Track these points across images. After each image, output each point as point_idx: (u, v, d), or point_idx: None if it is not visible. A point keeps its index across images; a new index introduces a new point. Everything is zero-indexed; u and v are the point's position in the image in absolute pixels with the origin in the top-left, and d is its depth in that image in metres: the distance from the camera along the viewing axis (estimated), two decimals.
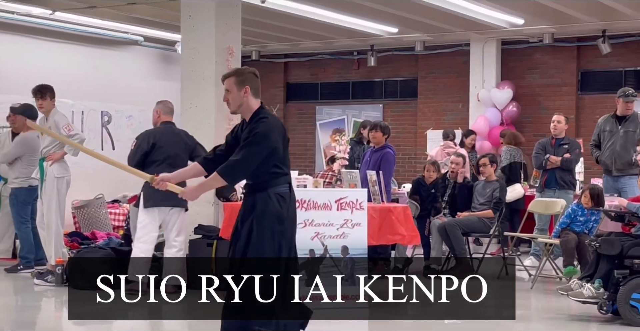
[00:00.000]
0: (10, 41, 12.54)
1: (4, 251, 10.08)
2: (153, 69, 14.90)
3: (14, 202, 9.69)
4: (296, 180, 9.12)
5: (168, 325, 7.32)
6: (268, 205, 5.33)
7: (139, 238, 8.05)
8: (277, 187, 5.37)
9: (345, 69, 16.18)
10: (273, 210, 5.33)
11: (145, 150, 8.04)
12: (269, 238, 5.32)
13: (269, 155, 5.31)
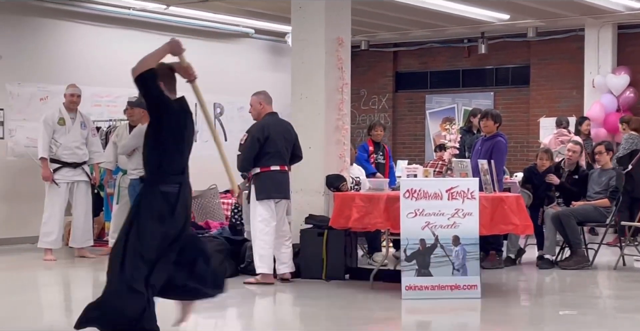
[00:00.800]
0: (126, 36, 12.87)
1: None
2: (263, 60, 15.07)
3: (132, 193, 9.97)
4: (406, 170, 9.10)
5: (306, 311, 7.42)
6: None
7: (261, 230, 8.10)
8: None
9: (456, 57, 15.99)
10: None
11: (262, 143, 8.14)
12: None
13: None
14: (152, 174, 5.49)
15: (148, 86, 5.38)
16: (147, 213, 5.38)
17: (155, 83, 5.42)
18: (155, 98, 5.44)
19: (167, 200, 5.43)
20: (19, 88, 11.51)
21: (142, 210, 5.39)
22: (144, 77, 5.38)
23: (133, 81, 5.43)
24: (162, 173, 5.48)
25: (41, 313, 7.12)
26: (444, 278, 7.39)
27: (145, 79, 5.38)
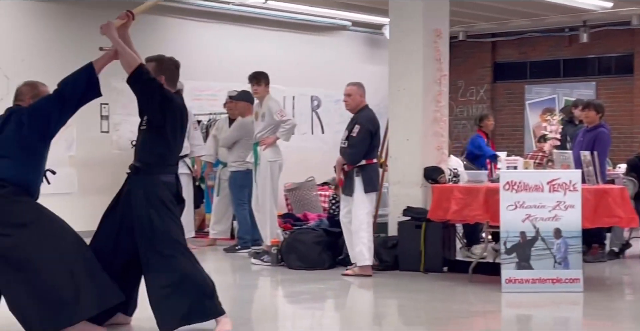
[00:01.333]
0: (226, 30, 13.06)
1: (223, 232, 10.58)
2: (360, 53, 15.07)
3: (232, 185, 10.14)
4: (506, 161, 8.99)
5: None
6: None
7: (368, 223, 8.15)
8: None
9: (556, 46, 15.68)
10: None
11: (372, 136, 8.24)
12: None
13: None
14: (155, 165, 5.56)
15: (146, 81, 5.49)
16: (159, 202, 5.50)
17: (153, 77, 5.52)
18: (158, 92, 5.52)
19: (169, 190, 5.55)
20: (123, 84, 11.65)
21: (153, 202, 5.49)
22: (139, 73, 5.49)
23: (127, 82, 5.57)
24: (163, 164, 5.59)
25: (144, 303, 7.29)
26: (545, 271, 7.29)
27: (140, 75, 5.49)
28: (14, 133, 5.43)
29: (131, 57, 5.57)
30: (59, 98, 5.45)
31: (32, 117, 5.44)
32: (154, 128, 5.57)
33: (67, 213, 11.53)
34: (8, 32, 10.81)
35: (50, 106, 5.45)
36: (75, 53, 11.33)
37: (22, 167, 5.41)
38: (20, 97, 5.69)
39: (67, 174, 11.25)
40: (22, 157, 5.41)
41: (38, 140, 5.46)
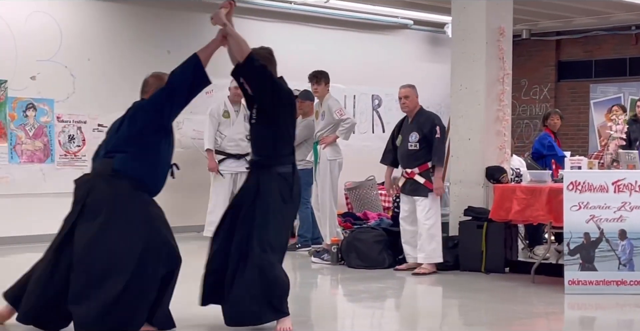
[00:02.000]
0: (287, 29, 13.11)
1: None
2: (422, 51, 15.00)
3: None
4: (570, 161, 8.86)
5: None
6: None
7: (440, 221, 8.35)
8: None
9: (622, 44, 15.41)
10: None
11: None
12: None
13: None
14: (270, 157, 5.54)
15: (258, 68, 5.47)
16: (274, 196, 5.48)
17: (264, 63, 5.53)
18: (270, 80, 5.51)
19: (285, 181, 5.50)
20: None
21: (267, 194, 5.47)
22: (251, 59, 5.46)
23: (237, 69, 5.52)
24: (279, 154, 5.55)
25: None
26: (609, 273, 7.18)
27: (252, 61, 5.47)
28: (128, 128, 5.41)
29: (245, 43, 5.55)
30: (169, 91, 5.40)
31: (145, 110, 5.43)
32: (265, 119, 5.54)
33: None
34: (75, 32, 11.00)
35: (161, 99, 5.40)
36: (141, 53, 11.53)
37: (136, 161, 5.35)
38: (145, 89, 5.66)
39: None
40: (137, 151, 5.36)
41: (152, 134, 5.39)
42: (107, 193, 5.30)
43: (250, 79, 5.52)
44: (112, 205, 5.26)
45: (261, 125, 5.56)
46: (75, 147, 10.98)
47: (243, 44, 5.53)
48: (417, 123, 8.35)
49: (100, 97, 11.17)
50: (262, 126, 5.55)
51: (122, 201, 5.29)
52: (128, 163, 5.34)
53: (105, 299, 5.09)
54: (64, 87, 10.87)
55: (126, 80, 11.42)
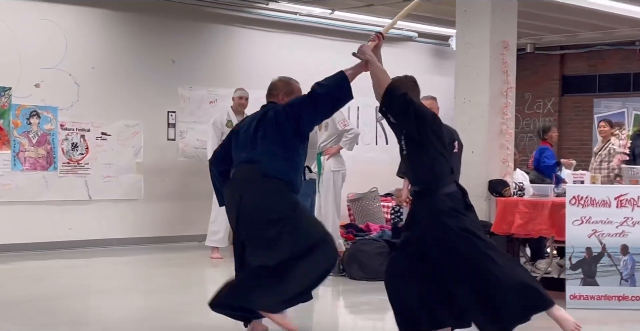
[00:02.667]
0: (292, 40, 13.14)
1: None
2: (426, 64, 15.02)
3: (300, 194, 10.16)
4: (573, 176, 8.86)
5: None
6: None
7: None
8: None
9: (627, 59, 15.43)
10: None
11: None
12: None
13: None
14: (432, 182, 5.38)
15: (398, 97, 5.43)
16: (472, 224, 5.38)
17: (404, 92, 5.47)
18: (412, 107, 5.42)
19: (452, 200, 5.38)
20: (190, 92, 11.97)
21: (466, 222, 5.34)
22: (391, 90, 5.45)
23: (382, 104, 5.48)
24: (441, 177, 5.42)
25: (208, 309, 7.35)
26: (611, 288, 7.16)
27: (392, 91, 5.43)
28: (274, 132, 5.53)
29: (384, 75, 5.60)
30: (314, 101, 5.53)
31: (287, 116, 5.53)
32: (417, 147, 5.44)
33: (132, 219, 11.85)
34: (79, 40, 11.03)
35: (303, 107, 5.54)
36: (145, 62, 11.56)
37: (285, 164, 5.52)
38: (274, 92, 5.79)
39: (134, 180, 11.43)
40: (283, 154, 5.51)
41: (293, 138, 5.55)
42: (262, 193, 5.49)
43: (392, 108, 5.46)
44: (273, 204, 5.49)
45: (414, 154, 5.46)
46: (78, 155, 10.99)
47: (382, 75, 5.58)
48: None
49: (104, 106, 11.19)
50: (415, 154, 5.46)
51: (280, 197, 5.52)
52: (277, 168, 5.50)
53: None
54: (68, 95, 10.89)
55: (130, 89, 11.46)
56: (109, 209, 11.21)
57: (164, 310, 6.90)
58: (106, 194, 11.18)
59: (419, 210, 5.42)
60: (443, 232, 5.26)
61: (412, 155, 5.45)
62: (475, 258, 5.23)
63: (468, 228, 5.29)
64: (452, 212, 5.28)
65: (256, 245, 5.45)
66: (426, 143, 5.38)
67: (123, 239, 11.22)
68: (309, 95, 5.55)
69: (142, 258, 10.29)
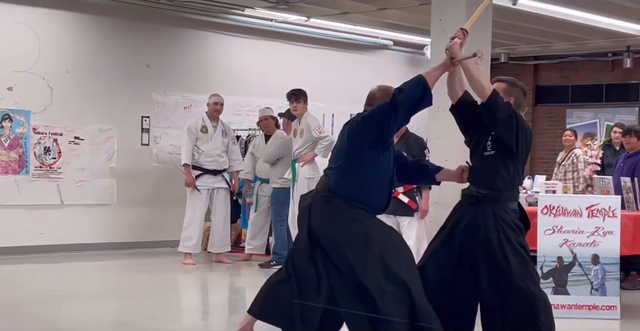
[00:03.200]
0: (268, 47, 13.15)
1: (259, 247, 10.59)
2: (401, 72, 15.06)
3: (274, 201, 10.17)
4: (545, 185, 8.92)
5: None
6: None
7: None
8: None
9: (599, 70, 15.58)
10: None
11: None
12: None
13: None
14: (504, 191, 5.24)
15: (503, 106, 5.24)
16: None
17: (507, 101, 5.30)
18: (515, 117, 5.24)
19: (516, 216, 5.26)
20: (164, 97, 11.93)
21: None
22: (496, 97, 5.22)
23: (483, 106, 5.25)
24: (512, 190, 5.31)
25: (180, 315, 7.34)
26: (581, 298, 7.21)
27: (497, 99, 5.22)
28: (348, 141, 5.07)
29: (485, 80, 5.32)
30: (395, 108, 5.06)
31: (365, 124, 5.06)
32: (506, 153, 5.25)
33: (105, 224, 11.78)
34: (53, 44, 10.97)
35: (385, 115, 5.04)
36: (120, 67, 11.52)
37: (350, 178, 5.01)
38: (372, 102, 5.29)
39: (107, 185, 11.37)
40: (352, 166, 5.02)
41: (369, 149, 5.01)
42: (327, 213, 5.03)
43: (495, 113, 5.22)
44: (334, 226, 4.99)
45: (498, 160, 5.26)
46: (50, 159, 10.92)
47: (485, 82, 5.29)
48: (405, 144, 8.37)
49: (77, 110, 11.13)
50: (500, 160, 5.26)
51: (341, 219, 4.99)
52: (342, 181, 5.01)
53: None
54: (41, 99, 10.82)
55: (104, 94, 11.40)
56: (81, 214, 11.14)
57: (136, 316, 6.86)
58: (79, 199, 11.12)
59: (479, 213, 5.21)
60: (501, 242, 5.13)
61: (498, 158, 5.25)
62: (522, 276, 5.13)
63: (524, 247, 5.20)
64: (515, 226, 5.19)
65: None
66: (518, 155, 5.25)
67: (95, 244, 11.15)
68: (391, 102, 5.07)
69: (115, 264, 10.24)
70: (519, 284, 5.11)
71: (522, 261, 5.17)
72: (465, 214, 5.29)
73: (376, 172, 5.03)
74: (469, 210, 5.28)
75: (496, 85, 5.39)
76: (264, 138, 10.53)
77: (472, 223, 5.24)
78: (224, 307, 7.90)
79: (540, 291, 5.21)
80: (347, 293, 4.85)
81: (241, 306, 7.77)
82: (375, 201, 5.04)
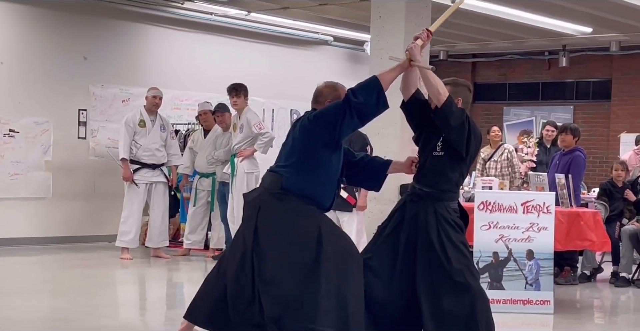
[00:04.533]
0: (208, 41, 13.08)
1: (197, 242, 10.54)
2: (341, 68, 15.12)
3: (220, 196, 10.10)
4: (481, 182, 9.05)
5: None
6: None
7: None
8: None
9: (536, 69, 15.82)
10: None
11: None
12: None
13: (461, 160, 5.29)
14: (448, 192, 5.29)
15: (457, 112, 5.25)
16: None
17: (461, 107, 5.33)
18: (467, 122, 5.26)
19: (456, 216, 5.32)
20: (101, 90, 11.78)
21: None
22: (450, 103, 5.23)
23: (436, 111, 5.26)
24: (455, 192, 5.37)
25: (117, 311, 7.27)
26: (516, 292, 7.32)
27: (451, 105, 5.23)
28: (300, 140, 5.03)
29: (442, 86, 5.29)
30: (349, 109, 4.98)
31: (317, 123, 5.00)
32: (454, 155, 5.27)
33: (41, 218, 11.58)
34: None
35: (337, 115, 4.97)
36: (56, 59, 11.34)
37: (303, 176, 4.97)
38: (320, 99, 5.25)
39: (43, 179, 11.20)
40: (304, 165, 4.98)
41: (322, 148, 4.99)
42: (277, 210, 4.96)
43: (449, 119, 5.21)
44: (284, 222, 4.93)
45: (447, 159, 5.29)
46: None
47: (441, 87, 5.29)
48: (348, 140, 8.38)
49: (12, 102, 10.93)
50: (449, 160, 5.29)
51: (293, 217, 4.94)
52: (295, 179, 4.97)
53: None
54: None
55: (40, 86, 11.22)
56: (16, 208, 10.95)
57: (72, 312, 6.78)
58: (13, 192, 10.93)
59: (421, 211, 5.26)
60: (442, 240, 5.19)
61: (446, 160, 5.30)
62: (461, 272, 5.18)
63: (465, 244, 5.28)
64: (455, 225, 5.26)
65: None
66: (465, 158, 5.29)
67: (30, 239, 10.97)
68: (344, 102, 5.01)
69: (50, 259, 10.09)
70: (458, 280, 5.17)
71: (463, 258, 5.23)
72: (407, 211, 5.33)
73: (328, 170, 5.03)
74: (410, 207, 5.32)
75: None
76: (203, 133, 10.48)
77: (413, 220, 5.29)
78: (162, 302, 7.84)
79: (479, 287, 5.28)
80: (282, 290, 4.81)
81: (179, 301, 7.73)
82: (324, 200, 5.04)
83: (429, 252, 5.22)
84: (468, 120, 5.26)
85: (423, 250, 5.23)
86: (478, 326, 5.18)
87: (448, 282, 5.18)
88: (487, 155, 10.99)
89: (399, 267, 5.28)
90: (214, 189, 10.27)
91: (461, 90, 5.49)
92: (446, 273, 5.18)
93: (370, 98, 5.05)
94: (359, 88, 5.06)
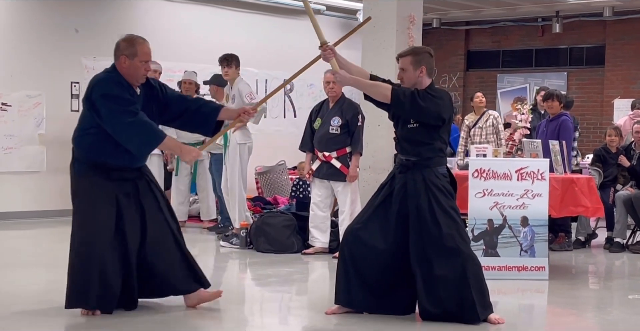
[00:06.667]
0: (200, 12, 12.98)
1: (184, 214, 10.54)
2: (334, 37, 14.80)
3: (218, 167, 10.08)
4: (476, 149, 9.04)
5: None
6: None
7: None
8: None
9: (529, 35, 15.77)
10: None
11: None
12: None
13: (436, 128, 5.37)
14: (433, 158, 5.42)
15: (411, 103, 5.40)
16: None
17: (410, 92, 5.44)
18: (429, 100, 5.41)
19: (446, 180, 5.45)
20: (94, 63, 11.71)
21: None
22: (396, 97, 5.41)
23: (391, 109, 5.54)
24: (442, 157, 5.49)
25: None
26: (511, 259, 7.36)
27: (398, 98, 5.41)
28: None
29: (379, 88, 5.47)
30: (121, 124, 5.73)
31: (90, 99, 5.88)
32: (426, 126, 5.40)
33: (35, 192, 11.56)
34: None
35: (111, 114, 5.80)
36: (48, 32, 11.28)
37: (85, 140, 5.86)
38: (117, 53, 5.91)
39: (36, 152, 11.17)
40: (84, 131, 5.85)
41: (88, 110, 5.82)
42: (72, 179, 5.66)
43: (405, 112, 5.44)
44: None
45: (423, 130, 5.42)
46: None
47: (378, 86, 5.48)
48: (340, 109, 8.42)
49: (4, 75, 10.88)
50: (425, 131, 5.42)
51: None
52: (79, 145, 5.78)
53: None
54: None
55: (32, 59, 11.15)
56: (9, 181, 10.93)
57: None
58: (7, 166, 10.90)
59: (410, 180, 5.38)
60: (432, 206, 5.29)
61: (422, 129, 5.40)
62: (452, 237, 5.28)
63: (455, 209, 5.37)
64: (445, 190, 5.36)
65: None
66: (440, 125, 5.40)
67: (25, 212, 10.97)
68: (112, 104, 5.62)
69: (45, 232, 10.09)
70: (448, 245, 5.23)
71: (453, 223, 5.28)
72: (397, 182, 5.43)
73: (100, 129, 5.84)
74: (399, 178, 5.42)
75: (402, 62, 5.53)
76: None
77: (403, 189, 5.38)
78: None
79: (470, 251, 5.33)
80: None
81: None
82: (120, 157, 5.75)
83: (420, 219, 5.29)
84: (421, 95, 5.34)
85: (414, 218, 5.30)
86: (470, 291, 5.23)
87: (438, 247, 5.23)
88: (472, 122, 10.94)
89: (390, 239, 5.33)
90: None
91: (423, 58, 5.54)
92: (436, 239, 5.24)
93: (139, 135, 5.57)
94: (145, 117, 5.51)
